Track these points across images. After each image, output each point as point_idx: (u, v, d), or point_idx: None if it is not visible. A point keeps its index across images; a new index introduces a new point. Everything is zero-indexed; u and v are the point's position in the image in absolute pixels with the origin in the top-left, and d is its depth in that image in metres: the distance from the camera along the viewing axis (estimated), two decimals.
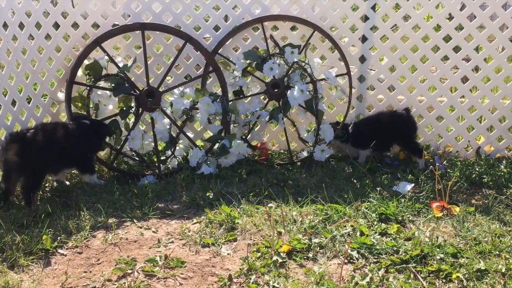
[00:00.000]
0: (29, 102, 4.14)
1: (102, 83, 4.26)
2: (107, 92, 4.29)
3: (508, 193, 3.90)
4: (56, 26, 4.23)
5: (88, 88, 4.23)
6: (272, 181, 4.13)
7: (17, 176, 3.64)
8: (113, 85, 4.20)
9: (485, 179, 4.15)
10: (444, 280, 2.78)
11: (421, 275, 2.81)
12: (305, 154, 4.61)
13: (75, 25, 4.31)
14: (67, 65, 4.32)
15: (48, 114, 4.31)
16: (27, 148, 3.59)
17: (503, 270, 2.84)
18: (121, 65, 4.27)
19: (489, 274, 2.82)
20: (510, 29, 4.56)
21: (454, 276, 2.78)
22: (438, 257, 2.95)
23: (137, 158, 4.42)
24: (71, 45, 4.33)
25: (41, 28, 4.12)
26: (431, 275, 2.83)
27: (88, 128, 3.94)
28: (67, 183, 4.06)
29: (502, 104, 4.75)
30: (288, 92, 4.35)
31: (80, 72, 4.25)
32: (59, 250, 3.10)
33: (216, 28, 4.54)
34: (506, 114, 4.74)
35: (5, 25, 3.86)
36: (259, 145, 4.74)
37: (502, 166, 4.41)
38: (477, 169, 4.27)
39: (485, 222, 3.43)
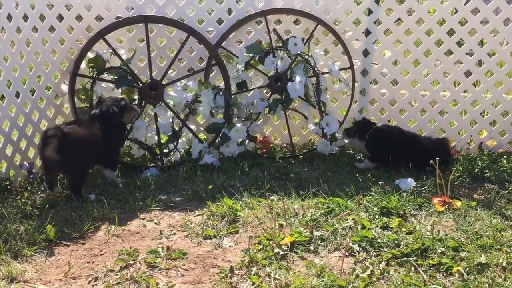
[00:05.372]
0: (32, 94, 4.15)
1: (105, 76, 4.27)
2: (110, 84, 4.30)
3: (510, 188, 3.90)
4: (60, 18, 4.23)
5: (91, 80, 4.24)
6: (274, 174, 4.15)
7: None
8: (115, 77, 4.21)
9: (488, 174, 4.15)
10: (444, 274, 2.79)
11: (422, 268, 2.82)
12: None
13: (78, 18, 4.31)
14: (70, 57, 4.33)
15: (51, 106, 4.33)
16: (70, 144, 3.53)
17: (504, 264, 2.84)
18: (124, 57, 4.29)
19: (490, 268, 2.82)
20: None
21: (454, 269, 2.79)
22: (439, 251, 2.96)
23: (143, 147, 4.42)
24: (74, 37, 4.34)
25: (45, 20, 4.13)
26: (431, 268, 2.84)
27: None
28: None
29: (505, 98, 4.74)
30: (289, 84, 4.34)
31: (83, 65, 4.26)
32: (62, 241, 3.13)
33: (220, 21, 4.54)
34: (509, 109, 4.73)
35: (9, 17, 3.87)
36: (261, 138, 4.75)
37: (505, 161, 4.41)
38: (479, 164, 4.28)
39: (487, 216, 3.44)
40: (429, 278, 2.74)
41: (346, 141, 4.63)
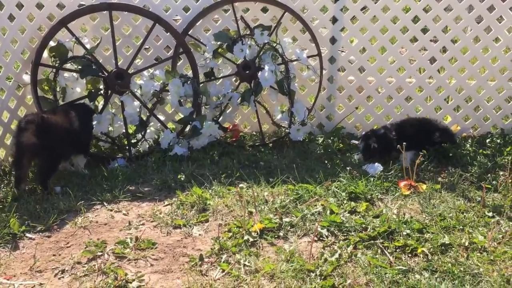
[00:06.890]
0: None
1: (68, 66, 4.17)
2: (74, 74, 4.20)
3: (473, 171, 4.01)
4: (20, 6, 4.09)
5: (54, 70, 4.13)
6: (244, 162, 4.14)
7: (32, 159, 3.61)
8: (79, 67, 4.11)
9: (452, 158, 4.25)
10: (410, 255, 2.87)
11: (388, 250, 2.89)
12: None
13: (39, 5, 4.18)
14: (32, 47, 4.20)
15: (13, 98, 4.20)
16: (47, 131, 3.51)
17: (466, 244, 2.94)
18: (88, 46, 4.18)
19: (453, 248, 2.91)
20: (476, 10, 4.64)
21: (419, 250, 2.87)
22: (404, 233, 3.03)
23: (108, 141, 4.36)
24: (35, 26, 4.20)
25: (4, 8, 3.98)
26: (397, 250, 2.90)
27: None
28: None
29: (468, 84, 4.86)
30: (259, 73, 4.34)
31: (45, 54, 4.14)
32: (27, 234, 3.06)
33: (186, 9, 4.47)
34: (472, 94, 4.85)
35: None
36: (231, 127, 4.73)
37: (468, 145, 4.53)
38: (444, 148, 4.37)
39: (451, 198, 3.53)
40: (395, 260, 2.80)
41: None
